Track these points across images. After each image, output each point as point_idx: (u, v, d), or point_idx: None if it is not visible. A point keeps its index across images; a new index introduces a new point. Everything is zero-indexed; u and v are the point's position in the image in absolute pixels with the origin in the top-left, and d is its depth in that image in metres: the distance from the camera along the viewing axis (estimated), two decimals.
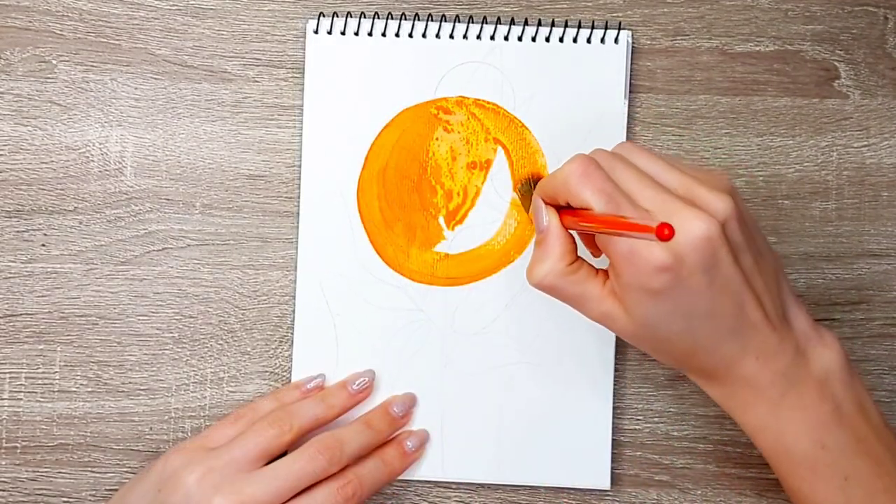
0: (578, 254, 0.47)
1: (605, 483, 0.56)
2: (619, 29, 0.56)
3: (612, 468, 0.56)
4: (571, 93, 0.56)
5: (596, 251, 0.47)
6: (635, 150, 0.47)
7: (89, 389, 0.56)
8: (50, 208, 0.56)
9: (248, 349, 0.56)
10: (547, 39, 0.56)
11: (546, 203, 0.48)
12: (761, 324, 0.45)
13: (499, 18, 0.56)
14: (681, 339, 0.45)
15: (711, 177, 0.46)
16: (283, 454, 0.51)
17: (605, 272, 0.46)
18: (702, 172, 0.46)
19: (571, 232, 0.47)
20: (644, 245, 0.43)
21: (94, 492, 0.56)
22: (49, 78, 0.56)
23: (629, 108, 0.56)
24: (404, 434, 0.55)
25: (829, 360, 0.47)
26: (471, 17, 0.56)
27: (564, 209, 0.47)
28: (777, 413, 0.46)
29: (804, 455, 0.46)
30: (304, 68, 0.56)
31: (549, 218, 0.47)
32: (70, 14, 0.56)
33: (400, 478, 0.55)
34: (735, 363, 0.46)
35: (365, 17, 0.56)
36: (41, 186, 0.56)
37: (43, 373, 0.56)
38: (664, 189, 0.44)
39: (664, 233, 0.37)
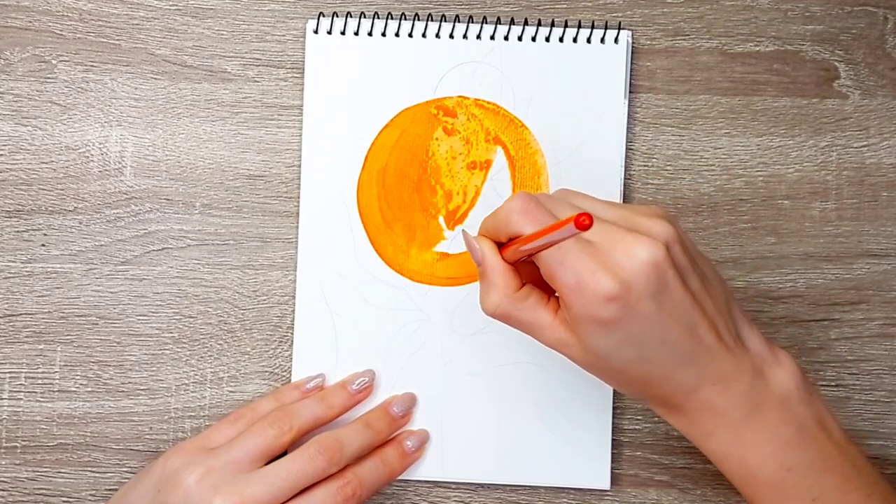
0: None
1: (605, 483, 0.56)
2: (619, 29, 0.56)
3: (612, 468, 0.56)
4: (571, 93, 0.56)
5: (548, 290, 0.47)
6: (573, 193, 0.47)
7: (89, 389, 0.56)
8: (50, 208, 0.56)
9: (248, 349, 0.56)
10: (547, 39, 0.56)
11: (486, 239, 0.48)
12: (715, 347, 0.45)
13: (499, 18, 0.56)
14: (635, 368, 0.45)
15: (648, 208, 0.46)
16: (283, 454, 0.51)
17: (557, 300, 0.46)
18: (638, 206, 0.47)
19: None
20: (590, 275, 0.42)
21: (94, 492, 0.56)
22: (49, 78, 0.56)
23: (629, 108, 0.56)
24: (404, 434, 0.55)
25: (786, 379, 0.46)
26: (471, 17, 0.56)
27: (505, 244, 0.47)
28: (740, 438, 0.46)
29: (770, 478, 0.46)
30: (304, 68, 0.56)
31: (482, 248, 0.47)
32: (70, 14, 0.56)
33: (400, 478, 0.55)
34: (693, 390, 0.45)
35: (365, 17, 0.56)
36: (41, 186, 0.56)
37: (43, 373, 0.56)
38: (605, 221, 0.45)
39: (581, 220, 0.37)
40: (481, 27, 0.56)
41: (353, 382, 0.55)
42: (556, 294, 0.45)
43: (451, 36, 0.56)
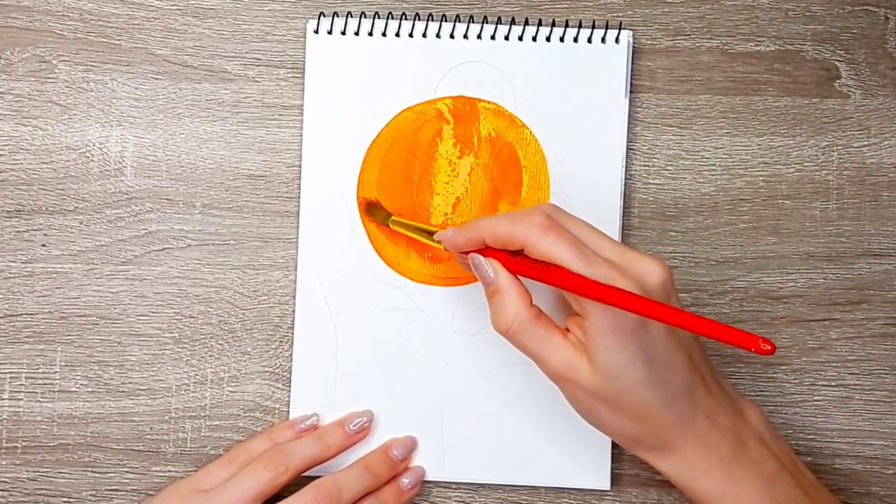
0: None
1: (605, 483, 0.56)
2: (620, 29, 0.56)
3: (612, 468, 0.56)
4: (571, 93, 0.56)
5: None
6: (580, 222, 0.47)
7: (89, 389, 0.56)
8: (50, 208, 0.56)
9: (248, 349, 0.56)
10: (547, 39, 0.56)
11: (481, 250, 0.48)
12: (707, 380, 0.47)
13: (499, 18, 0.56)
14: (640, 391, 0.45)
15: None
16: (277, 495, 0.51)
17: (564, 328, 0.47)
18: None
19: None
20: (613, 282, 0.44)
21: (94, 492, 0.56)
22: (49, 78, 0.56)
23: (630, 107, 0.56)
24: (400, 471, 0.55)
25: (758, 418, 0.48)
26: (471, 17, 0.56)
27: (499, 252, 0.47)
28: (732, 474, 0.46)
29: None
30: (304, 68, 0.56)
31: (494, 268, 0.47)
32: (70, 14, 0.56)
33: None
34: (688, 422, 0.46)
35: (365, 17, 0.56)
36: (41, 186, 0.56)
37: (43, 373, 0.56)
38: (616, 241, 0.46)
39: (765, 347, 0.38)
40: (481, 27, 0.56)
41: (351, 422, 0.54)
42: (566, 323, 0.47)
43: (452, 36, 0.56)
